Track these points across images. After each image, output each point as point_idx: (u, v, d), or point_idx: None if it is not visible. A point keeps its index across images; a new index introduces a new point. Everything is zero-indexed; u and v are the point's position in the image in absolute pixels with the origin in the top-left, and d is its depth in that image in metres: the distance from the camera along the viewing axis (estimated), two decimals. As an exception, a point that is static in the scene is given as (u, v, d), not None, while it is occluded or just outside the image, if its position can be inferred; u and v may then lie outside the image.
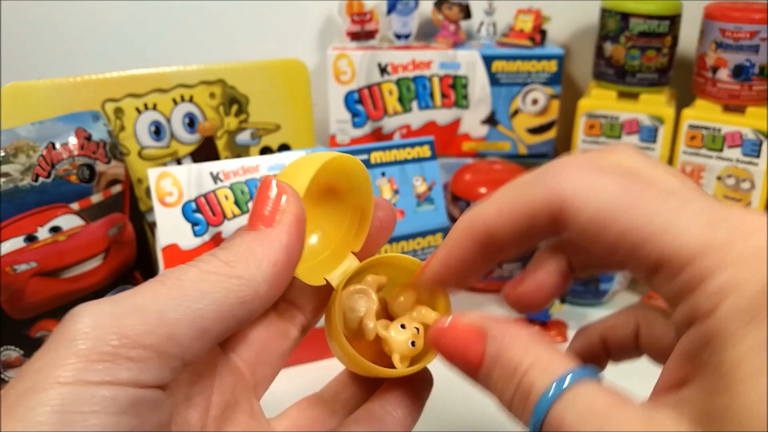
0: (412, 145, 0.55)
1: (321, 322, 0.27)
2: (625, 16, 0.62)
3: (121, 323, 0.20)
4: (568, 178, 0.21)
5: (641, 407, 0.19)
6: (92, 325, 0.19)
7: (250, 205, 0.51)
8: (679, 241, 0.19)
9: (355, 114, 0.68)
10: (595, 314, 0.63)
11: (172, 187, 0.49)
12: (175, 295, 0.21)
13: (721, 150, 0.61)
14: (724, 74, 0.61)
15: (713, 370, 0.18)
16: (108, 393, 0.19)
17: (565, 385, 0.20)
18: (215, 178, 0.50)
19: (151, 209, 0.61)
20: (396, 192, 0.55)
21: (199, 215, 0.49)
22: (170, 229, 0.49)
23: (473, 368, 0.23)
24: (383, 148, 0.54)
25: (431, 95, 0.68)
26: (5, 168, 0.49)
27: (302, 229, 0.23)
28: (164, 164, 0.62)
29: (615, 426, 0.19)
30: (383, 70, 0.66)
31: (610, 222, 0.20)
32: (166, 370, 0.20)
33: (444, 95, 0.68)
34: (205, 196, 0.50)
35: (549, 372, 0.21)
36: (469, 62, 0.66)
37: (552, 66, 0.66)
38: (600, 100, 0.65)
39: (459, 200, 0.63)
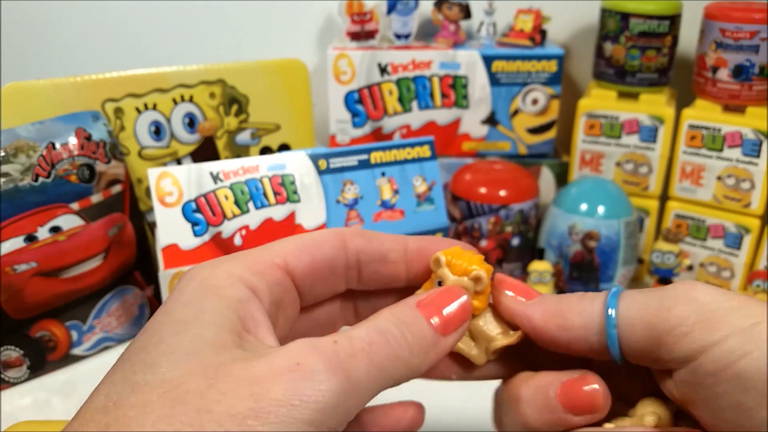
0: (412, 145, 0.55)
1: None
2: (625, 16, 0.62)
3: None
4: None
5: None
6: None
7: (250, 205, 0.51)
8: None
9: (355, 114, 0.68)
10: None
11: (172, 187, 0.49)
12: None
13: (721, 150, 0.61)
14: (724, 74, 0.61)
15: None
16: None
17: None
18: (215, 178, 0.50)
19: (151, 209, 0.61)
20: (396, 192, 0.55)
21: (199, 215, 0.49)
22: (170, 229, 0.49)
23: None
24: (383, 148, 0.54)
25: (431, 95, 0.68)
26: (5, 168, 0.49)
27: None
28: (164, 164, 0.62)
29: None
30: (383, 70, 0.66)
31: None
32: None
33: (444, 95, 0.68)
34: (205, 196, 0.50)
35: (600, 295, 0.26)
36: (469, 62, 0.66)
37: (552, 66, 0.66)
38: (600, 100, 0.65)
39: (459, 200, 0.63)
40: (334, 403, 0.20)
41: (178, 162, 0.63)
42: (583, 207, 0.60)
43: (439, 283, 0.26)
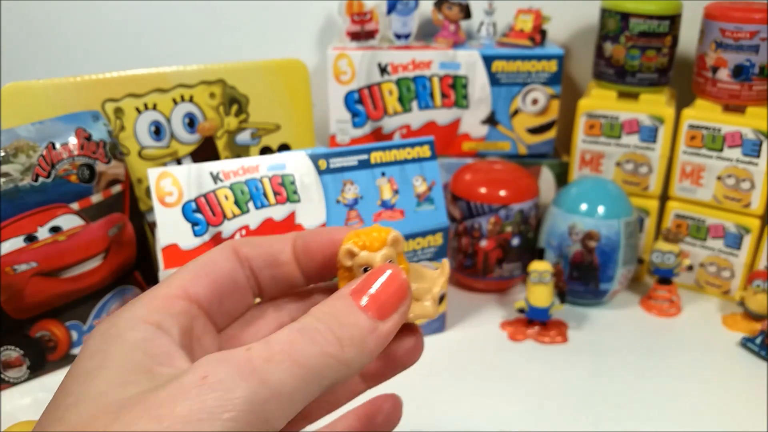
0: (412, 145, 0.55)
1: None
2: (625, 16, 0.62)
3: None
4: None
5: None
6: None
7: (250, 205, 0.51)
8: None
9: (355, 114, 0.68)
10: (595, 314, 0.63)
11: (172, 187, 0.49)
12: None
13: (721, 150, 0.61)
14: (724, 74, 0.61)
15: None
16: None
17: None
18: (215, 178, 0.50)
19: (151, 209, 0.61)
20: (396, 192, 0.55)
21: (199, 215, 0.49)
22: (170, 229, 0.49)
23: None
24: (383, 148, 0.54)
25: (431, 95, 0.68)
26: (5, 168, 0.49)
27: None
28: (164, 164, 0.62)
29: None
30: (383, 70, 0.67)
31: None
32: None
33: (444, 95, 0.68)
34: (205, 196, 0.50)
35: None
36: (469, 62, 0.66)
37: (552, 66, 0.66)
38: (600, 100, 0.65)
39: (459, 200, 0.63)
40: (248, 410, 0.20)
41: (178, 162, 0.63)
42: (583, 207, 0.60)
43: (365, 270, 0.25)
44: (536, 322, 0.59)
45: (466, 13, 0.67)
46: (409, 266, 0.26)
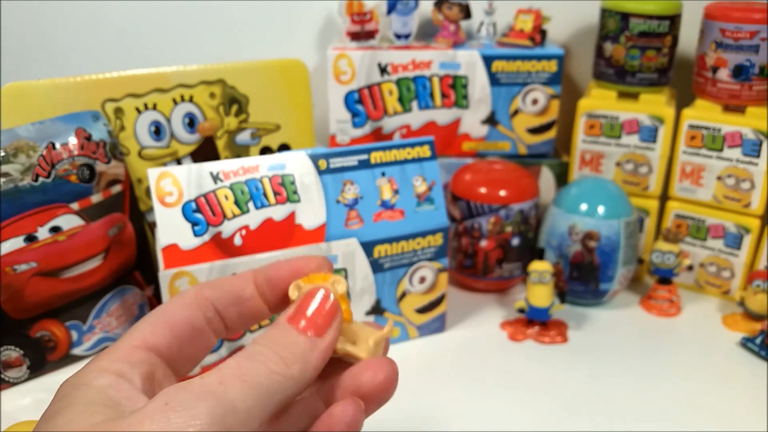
0: (412, 145, 0.55)
1: None
2: (625, 16, 0.62)
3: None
4: None
5: None
6: None
7: (250, 205, 0.51)
8: None
9: (355, 114, 0.68)
10: (595, 314, 0.63)
11: (172, 187, 0.49)
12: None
13: (721, 150, 0.61)
14: (724, 74, 0.61)
15: None
16: None
17: None
18: (215, 178, 0.50)
19: (151, 209, 0.61)
20: (396, 192, 0.55)
21: (199, 215, 0.49)
22: (170, 229, 0.49)
23: None
24: (383, 148, 0.54)
25: (431, 95, 0.68)
26: (5, 168, 0.49)
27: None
28: (164, 164, 0.62)
29: None
30: (383, 70, 0.67)
31: None
32: None
33: (444, 95, 0.68)
34: (205, 196, 0.50)
35: None
36: (469, 62, 0.66)
37: (552, 66, 0.66)
38: (600, 100, 0.65)
39: (459, 200, 0.63)
40: (211, 423, 0.21)
41: (178, 162, 0.63)
42: (583, 207, 0.60)
43: None
44: (536, 322, 0.59)
45: (466, 13, 0.67)
46: (351, 316, 0.28)
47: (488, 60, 0.66)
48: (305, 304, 0.26)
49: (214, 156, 0.64)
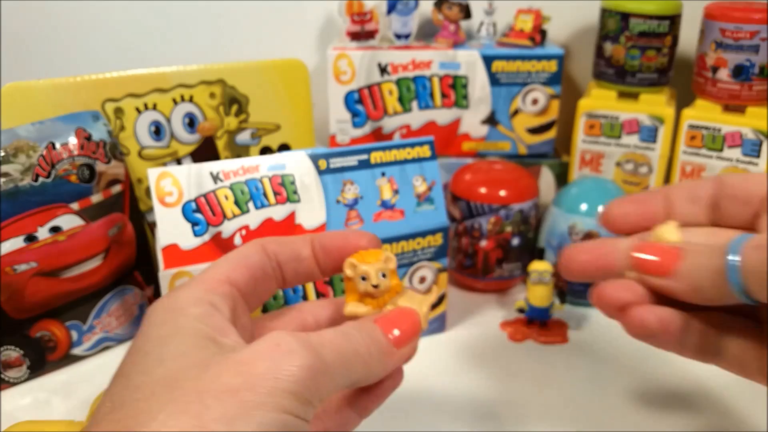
0: (412, 145, 0.55)
1: None
2: (625, 16, 0.62)
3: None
4: None
5: None
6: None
7: (250, 205, 0.51)
8: None
9: (355, 114, 0.68)
10: (596, 314, 0.63)
11: (172, 187, 0.49)
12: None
13: (721, 150, 0.61)
14: (724, 74, 0.61)
15: None
16: None
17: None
18: (215, 178, 0.50)
19: (151, 209, 0.61)
20: (396, 192, 0.55)
21: (199, 215, 0.49)
22: (170, 229, 0.49)
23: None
24: (383, 148, 0.54)
25: (431, 95, 0.68)
26: (5, 168, 0.49)
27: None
28: (164, 164, 0.62)
29: None
30: (383, 70, 0.67)
31: None
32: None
33: (444, 95, 0.68)
34: (205, 196, 0.50)
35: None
36: (469, 62, 0.66)
37: (552, 66, 0.66)
38: (600, 100, 0.65)
39: (459, 200, 0.63)
40: (310, 377, 0.24)
41: (178, 162, 0.63)
42: (583, 207, 0.60)
43: (363, 278, 0.30)
44: (536, 322, 0.59)
45: (466, 13, 0.67)
46: (402, 287, 0.31)
47: (488, 60, 0.66)
48: (396, 317, 0.30)
49: (214, 156, 0.64)
